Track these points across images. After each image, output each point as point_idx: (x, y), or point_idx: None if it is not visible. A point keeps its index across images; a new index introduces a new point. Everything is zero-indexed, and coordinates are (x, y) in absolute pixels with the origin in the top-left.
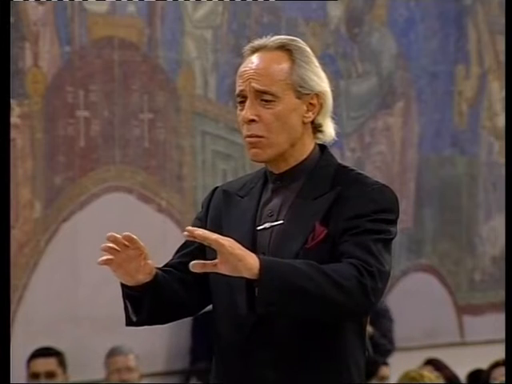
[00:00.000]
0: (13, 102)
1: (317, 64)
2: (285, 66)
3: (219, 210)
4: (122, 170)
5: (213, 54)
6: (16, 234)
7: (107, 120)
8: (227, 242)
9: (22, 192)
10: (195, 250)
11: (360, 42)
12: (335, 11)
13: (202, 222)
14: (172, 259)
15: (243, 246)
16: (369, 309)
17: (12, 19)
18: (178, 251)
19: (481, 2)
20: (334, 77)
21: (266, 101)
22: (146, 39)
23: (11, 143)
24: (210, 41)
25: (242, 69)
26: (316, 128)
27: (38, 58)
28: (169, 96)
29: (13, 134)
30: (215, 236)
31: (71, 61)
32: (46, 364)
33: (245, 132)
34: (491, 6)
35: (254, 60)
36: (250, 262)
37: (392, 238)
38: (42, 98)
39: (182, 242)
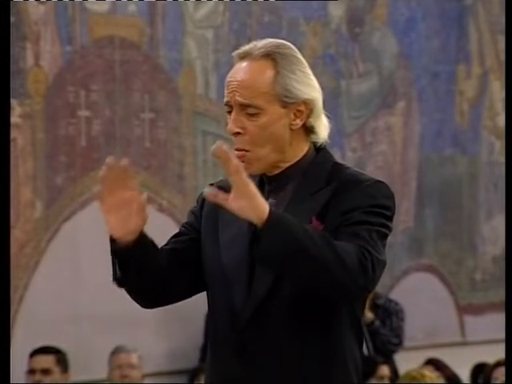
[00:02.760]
0: (14, 102)
1: (304, 69)
2: (268, 76)
3: (215, 205)
4: None
5: (214, 53)
6: (17, 234)
7: (108, 120)
8: (245, 176)
9: (23, 192)
10: (189, 240)
11: (361, 42)
12: (336, 11)
13: (196, 217)
14: (165, 244)
15: (241, 242)
16: (362, 290)
17: (13, 19)
18: (172, 237)
19: (482, 2)
20: (335, 76)
21: (251, 112)
22: (146, 39)
23: (12, 143)
24: (210, 40)
25: (228, 78)
26: (309, 130)
27: (39, 57)
28: (170, 96)
29: (14, 133)
30: (236, 161)
31: (72, 60)
32: (42, 361)
33: (234, 144)
34: (492, 6)
35: (240, 70)
36: (260, 203)
37: (387, 233)
38: (43, 97)
39: None
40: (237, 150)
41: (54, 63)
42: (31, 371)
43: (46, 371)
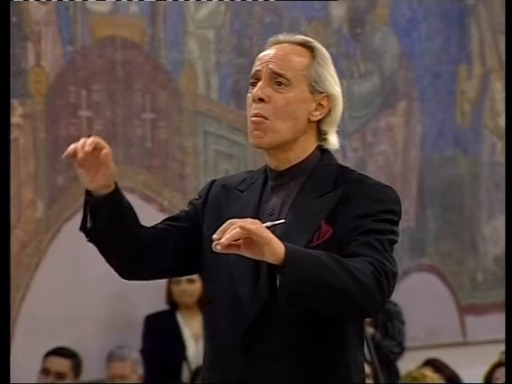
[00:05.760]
0: (15, 102)
1: (334, 69)
2: (305, 59)
3: (219, 201)
4: (124, 170)
5: (215, 53)
6: (18, 234)
7: (109, 120)
8: (253, 225)
9: (24, 192)
10: (183, 228)
11: (362, 42)
12: (337, 11)
13: (196, 209)
14: (159, 223)
15: None
16: (382, 307)
17: (14, 19)
18: (166, 219)
19: (483, 2)
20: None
21: (280, 84)
22: (148, 39)
23: (14, 143)
24: (212, 41)
25: (261, 54)
26: (320, 134)
27: (41, 57)
28: (171, 96)
29: (15, 133)
30: (239, 224)
31: (74, 60)
32: (58, 363)
33: (251, 111)
34: (494, 6)
35: (275, 48)
36: (275, 247)
37: (396, 240)
38: (44, 97)
39: None
40: (255, 116)
41: (55, 63)
42: (45, 371)
43: (60, 375)
